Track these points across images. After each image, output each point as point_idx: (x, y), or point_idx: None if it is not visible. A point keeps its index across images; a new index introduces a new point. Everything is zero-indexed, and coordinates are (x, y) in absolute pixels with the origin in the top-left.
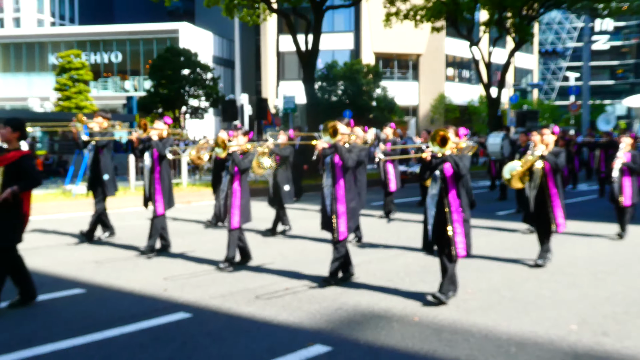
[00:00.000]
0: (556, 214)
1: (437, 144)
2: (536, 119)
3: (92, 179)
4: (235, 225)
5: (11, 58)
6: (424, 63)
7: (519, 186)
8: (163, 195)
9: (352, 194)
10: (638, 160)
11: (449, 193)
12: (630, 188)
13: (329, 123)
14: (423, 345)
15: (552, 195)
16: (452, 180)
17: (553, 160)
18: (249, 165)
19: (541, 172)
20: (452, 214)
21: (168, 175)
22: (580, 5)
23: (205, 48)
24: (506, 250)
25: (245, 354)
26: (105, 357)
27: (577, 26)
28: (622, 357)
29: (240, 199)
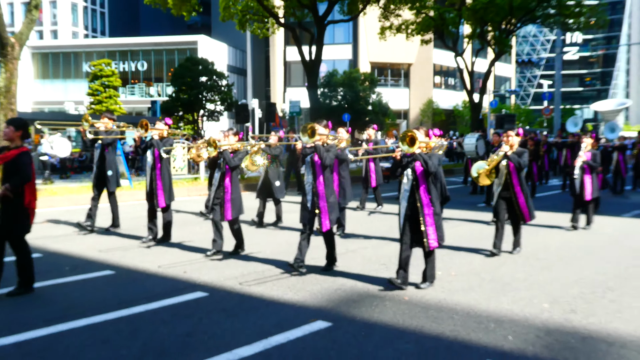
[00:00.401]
0: (522, 207)
1: (407, 144)
2: (513, 122)
3: (97, 174)
4: (228, 217)
5: (49, 66)
6: (414, 72)
7: (486, 183)
8: (164, 190)
9: (331, 189)
10: (597, 159)
11: (420, 188)
12: (591, 185)
13: (307, 125)
14: (412, 321)
15: (517, 192)
16: (422, 177)
17: (517, 160)
18: (238, 163)
19: (506, 170)
20: (423, 208)
21: (168, 172)
22: (552, 20)
23: (220, 58)
24: (485, 238)
25: (255, 329)
26: (132, 331)
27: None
28: (589, 331)
29: (232, 193)
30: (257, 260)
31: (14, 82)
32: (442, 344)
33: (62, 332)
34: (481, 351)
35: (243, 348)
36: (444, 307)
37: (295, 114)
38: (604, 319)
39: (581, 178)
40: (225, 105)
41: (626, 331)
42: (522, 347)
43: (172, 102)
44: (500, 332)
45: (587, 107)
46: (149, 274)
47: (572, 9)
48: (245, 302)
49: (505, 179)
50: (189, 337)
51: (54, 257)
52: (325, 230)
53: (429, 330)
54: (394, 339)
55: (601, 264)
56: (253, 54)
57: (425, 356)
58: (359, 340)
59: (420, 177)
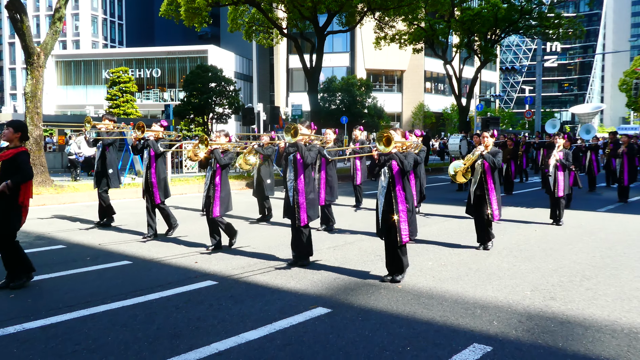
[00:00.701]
0: (492, 205)
1: (383, 144)
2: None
3: (99, 172)
4: (215, 214)
5: (72, 73)
6: (407, 78)
7: (462, 181)
8: (159, 187)
9: (311, 187)
10: (569, 158)
11: (396, 186)
12: (563, 182)
13: (291, 125)
14: (405, 307)
15: (490, 190)
16: (398, 175)
17: (491, 159)
18: (228, 162)
19: (481, 169)
20: (398, 205)
21: (163, 171)
22: (534, 30)
23: (228, 65)
24: (472, 231)
25: (260, 314)
26: (148, 316)
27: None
28: (567, 317)
29: (221, 191)
30: (261, 252)
31: (39, 87)
32: (433, 328)
33: (84, 316)
34: (468, 335)
35: (250, 332)
36: (434, 295)
37: (297, 116)
38: (581, 305)
39: (555, 176)
40: (233, 108)
41: (601, 316)
42: (505, 331)
43: (184, 106)
44: (486, 317)
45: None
46: (164, 264)
47: (551, 20)
48: (251, 290)
49: (480, 177)
50: (200, 322)
51: (77, 248)
52: (302, 224)
53: (421, 316)
54: (388, 324)
55: (578, 254)
56: (258, 62)
57: (417, 339)
58: (356, 325)
59: (397, 176)
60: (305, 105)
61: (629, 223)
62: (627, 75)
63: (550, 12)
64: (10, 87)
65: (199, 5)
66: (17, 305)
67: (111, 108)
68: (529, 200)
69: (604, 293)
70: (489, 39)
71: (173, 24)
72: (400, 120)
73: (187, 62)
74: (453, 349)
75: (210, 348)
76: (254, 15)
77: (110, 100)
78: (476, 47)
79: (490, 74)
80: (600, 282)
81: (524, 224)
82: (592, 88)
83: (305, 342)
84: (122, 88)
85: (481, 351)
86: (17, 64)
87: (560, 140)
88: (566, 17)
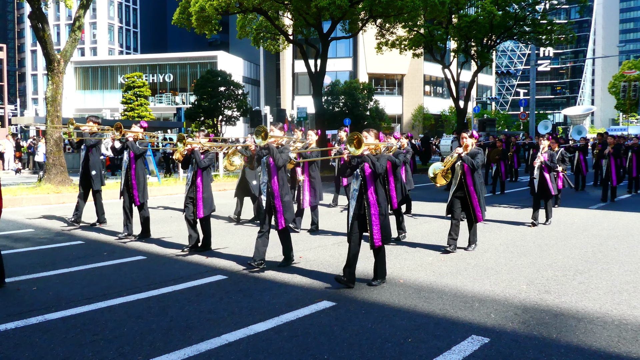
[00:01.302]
0: (475, 207)
1: (354, 146)
2: (494, 125)
3: (82, 174)
4: (200, 215)
5: (89, 78)
6: (407, 81)
7: (442, 183)
8: (138, 189)
9: (285, 189)
10: (554, 159)
11: (368, 190)
12: (550, 182)
13: (261, 127)
14: (406, 300)
15: (471, 191)
16: (370, 178)
17: (470, 161)
18: (208, 164)
19: (461, 171)
20: (370, 208)
21: (142, 172)
22: (528, 36)
23: (237, 70)
24: None
25: (268, 307)
26: (161, 308)
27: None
28: (560, 309)
29: (203, 192)
30: (269, 247)
31: (59, 92)
32: (433, 320)
33: (102, 308)
34: (467, 327)
35: (258, 324)
36: (434, 289)
37: (302, 118)
38: (574, 298)
39: (540, 177)
40: (241, 111)
41: (593, 309)
42: (502, 323)
43: (194, 109)
44: (484, 310)
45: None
46: (176, 259)
47: (544, 27)
48: (259, 284)
49: (460, 179)
50: (211, 314)
51: (94, 244)
52: (280, 228)
53: (421, 309)
54: (390, 316)
55: (571, 250)
56: (265, 67)
57: (418, 331)
58: (360, 318)
59: (369, 178)
60: (310, 108)
61: (620, 220)
62: (616, 79)
63: (543, 19)
64: (32, 92)
65: (209, 14)
66: (39, 297)
67: (126, 111)
68: (523, 199)
69: (596, 286)
70: (485, 44)
71: (185, 31)
72: (401, 122)
73: (198, 67)
74: (452, 340)
75: (221, 339)
76: (262, 23)
77: (125, 104)
78: (473, 52)
79: (487, 77)
80: (593, 276)
81: (520, 221)
82: (583, 91)
83: (311, 334)
84: (137, 92)
85: (479, 342)
86: (38, 70)
87: (545, 141)
88: (558, 23)
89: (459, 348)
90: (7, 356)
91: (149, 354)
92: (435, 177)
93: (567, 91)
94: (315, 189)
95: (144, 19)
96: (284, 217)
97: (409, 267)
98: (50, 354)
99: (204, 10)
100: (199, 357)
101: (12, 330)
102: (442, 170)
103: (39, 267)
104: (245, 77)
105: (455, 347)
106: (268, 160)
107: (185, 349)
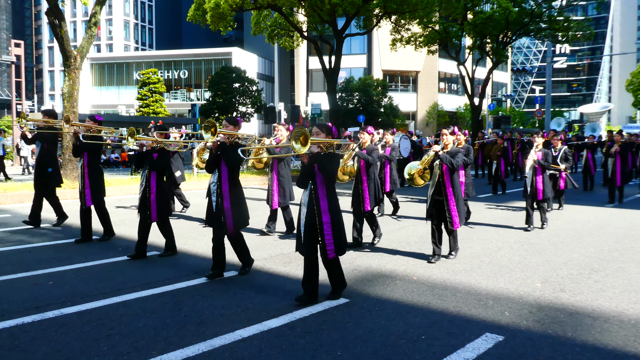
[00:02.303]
0: (452, 212)
1: (300, 143)
2: (509, 123)
3: (37, 171)
4: (155, 218)
5: (105, 75)
6: (421, 78)
7: (421, 183)
8: (91, 188)
9: (236, 190)
10: (549, 158)
11: (319, 194)
12: (542, 183)
13: (209, 121)
14: (420, 298)
15: (448, 194)
16: (320, 182)
17: (448, 160)
18: (163, 164)
19: (439, 171)
20: (321, 215)
21: (97, 171)
22: (544, 33)
23: (251, 67)
24: (484, 226)
25: (282, 303)
26: (175, 303)
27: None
28: (576, 308)
29: (156, 194)
30: (282, 243)
31: (76, 88)
32: (446, 318)
33: (117, 303)
34: (480, 325)
35: (271, 320)
36: (448, 286)
37: (317, 115)
38: (590, 297)
39: (533, 178)
40: (256, 107)
41: (609, 308)
42: (516, 322)
43: (209, 105)
44: (498, 308)
45: (574, 109)
46: (190, 254)
47: (561, 23)
48: (272, 280)
49: (438, 180)
50: (224, 310)
51: (109, 240)
52: (229, 233)
53: (435, 306)
54: (403, 313)
55: (587, 248)
56: (280, 63)
57: (432, 328)
58: (373, 314)
59: (319, 182)
60: (324, 105)
61: (637, 218)
62: (634, 76)
63: (560, 16)
64: (49, 88)
65: (224, 11)
66: (55, 292)
67: (141, 107)
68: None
69: (612, 285)
70: (501, 41)
71: (199, 28)
72: (415, 119)
73: (213, 63)
74: (466, 338)
75: (234, 335)
76: (276, 19)
77: (141, 100)
78: (488, 49)
79: (502, 74)
80: (609, 274)
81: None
82: (600, 88)
83: (324, 330)
84: (152, 88)
85: (493, 340)
86: (55, 66)
87: (539, 139)
88: (575, 20)
89: (473, 346)
90: (24, 349)
91: (163, 348)
92: (412, 177)
93: (583, 88)
94: (284, 188)
95: (159, 16)
96: (233, 223)
97: (422, 264)
98: (66, 348)
99: (218, 6)
100: (213, 352)
101: (29, 324)
102: (418, 170)
103: (55, 262)
104: (259, 73)
105: (469, 345)
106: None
107: (200, 344)
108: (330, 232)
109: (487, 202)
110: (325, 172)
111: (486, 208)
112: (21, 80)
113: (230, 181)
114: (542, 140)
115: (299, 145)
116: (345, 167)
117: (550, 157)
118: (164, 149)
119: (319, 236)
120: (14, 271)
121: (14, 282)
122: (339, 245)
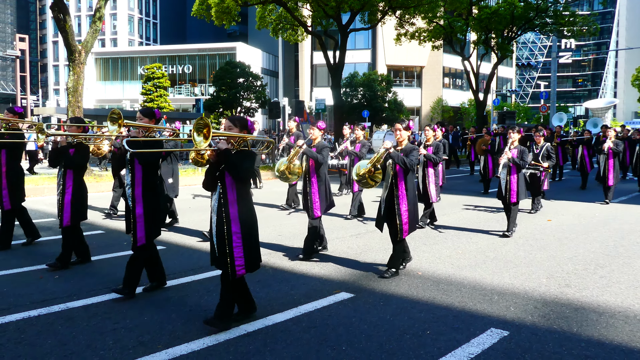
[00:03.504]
0: (403, 218)
1: (202, 135)
2: (513, 118)
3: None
4: (66, 222)
5: (109, 69)
6: (426, 73)
7: (372, 184)
8: (9, 190)
9: (151, 193)
10: (525, 156)
11: (228, 199)
12: (516, 185)
13: (115, 112)
14: (425, 293)
15: (400, 197)
16: (230, 185)
17: (400, 159)
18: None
19: (392, 172)
20: (231, 225)
21: (17, 171)
22: (549, 28)
23: (256, 62)
24: (489, 220)
25: (287, 298)
26: (180, 298)
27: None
28: (581, 303)
29: (72, 195)
30: (287, 238)
31: (80, 83)
32: (451, 312)
33: (122, 297)
34: (486, 320)
35: (276, 314)
36: (453, 281)
37: (321, 110)
38: (595, 292)
39: (507, 178)
40: (260, 102)
41: (614, 303)
42: (522, 317)
43: (213, 100)
44: (503, 303)
45: (579, 105)
46: (195, 249)
47: (566, 18)
48: (277, 275)
49: (391, 182)
50: None
51: (114, 234)
52: (138, 244)
53: (440, 301)
54: (408, 308)
55: (592, 243)
56: (284, 58)
57: (437, 323)
58: (378, 309)
59: (228, 185)
60: (329, 100)
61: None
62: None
63: (565, 10)
64: (53, 83)
65: (229, 5)
66: (61, 286)
67: (145, 102)
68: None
69: (617, 281)
70: (506, 36)
71: (204, 22)
72: (420, 114)
73: (217, 58)
74: (471, 333)
75: (240, 329)
76: (281, 14)
77: (145, 95)
78: (493, 44)
79: (507, 69)
80: (614, 270)
81: (538, 214)
82: (606, 84)
83: (329, 325)
84: (156, 83)
85: (498, 335)
86: (60, 61)
87: (515, 134)
88: (580, 15)
89: (478, 341)
90: (31, 343)
91: (168, 342)
92: (361, 178)
93: (589, 84)
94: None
95: (163, 10)
96: (145, 232)
97: (427, 259)
98: (73, 342)
99: (223, 1)
100: (218, 346)
101: (36, 318)
102: (366, 169)
103: None
104: (263, 68)
105: (474, 340)
106: (132, 157)
107: (205, 339)
108: (240, 244)
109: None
110: (235, 173)
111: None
112: (26, 75)
113: (144, 184)
114: (518, 136)
115: (200, 138)
116: (291, 166)
117: (527, 155)
118: (82, 143)
119: (227, 248)
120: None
121: (20, 275)
122: (249, 260)
